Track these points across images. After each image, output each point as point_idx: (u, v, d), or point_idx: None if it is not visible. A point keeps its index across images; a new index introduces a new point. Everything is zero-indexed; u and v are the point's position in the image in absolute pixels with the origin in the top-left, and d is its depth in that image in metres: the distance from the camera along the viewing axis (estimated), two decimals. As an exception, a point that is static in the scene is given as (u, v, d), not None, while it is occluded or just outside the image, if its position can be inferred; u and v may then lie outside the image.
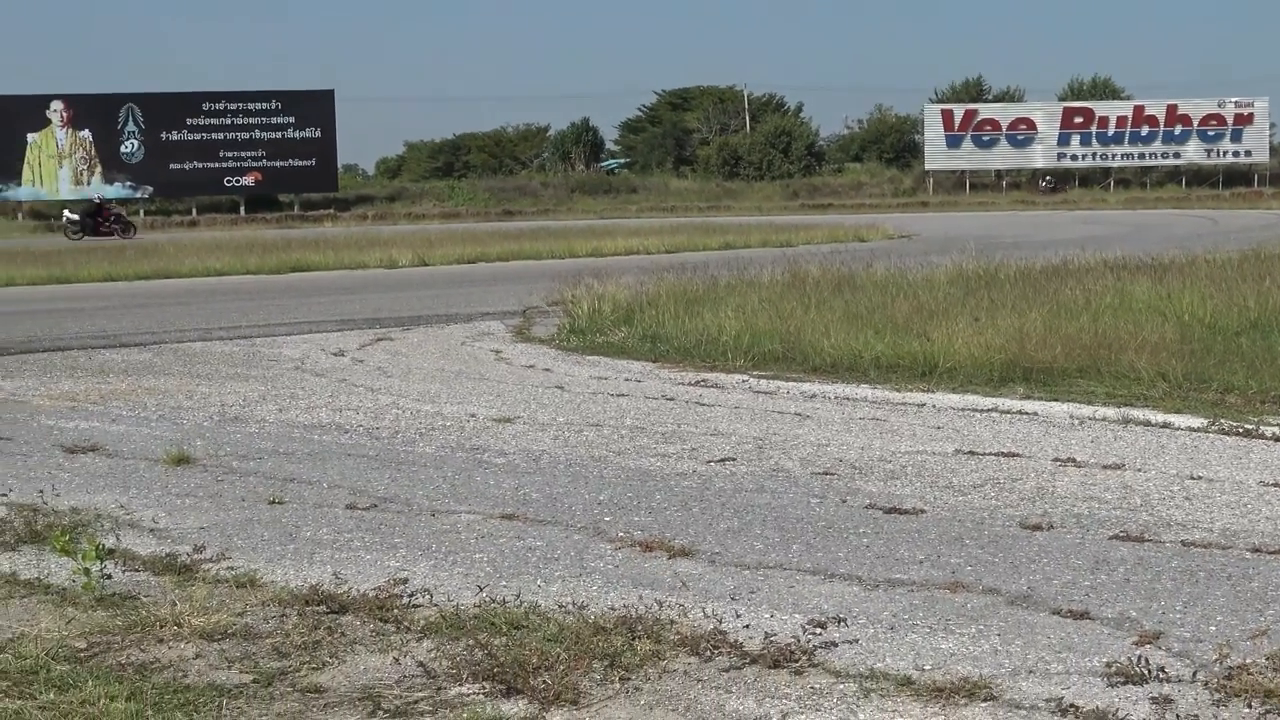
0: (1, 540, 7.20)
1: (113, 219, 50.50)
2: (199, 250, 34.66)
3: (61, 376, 14.13)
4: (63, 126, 69.68)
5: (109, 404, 12.21)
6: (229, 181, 71.79)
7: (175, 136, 70.73)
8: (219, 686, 5.05)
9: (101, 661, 5.32)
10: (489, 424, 10.77)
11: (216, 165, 71.36)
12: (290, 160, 72.02)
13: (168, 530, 7.48)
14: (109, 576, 6.27)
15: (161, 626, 5.67)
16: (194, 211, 70.06)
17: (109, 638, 5.60)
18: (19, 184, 69.24)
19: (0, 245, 42.80)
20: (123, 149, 70.32)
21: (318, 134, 72.45)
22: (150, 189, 70.46)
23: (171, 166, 70.46)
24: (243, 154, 71.63)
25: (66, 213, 51.91)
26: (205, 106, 71.52)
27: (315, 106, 72.77)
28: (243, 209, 70.77)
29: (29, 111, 69.15)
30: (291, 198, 73.17)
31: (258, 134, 71.78)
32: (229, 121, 71.52)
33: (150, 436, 10.44)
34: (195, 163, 70.99)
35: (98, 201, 51.54)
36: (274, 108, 72.14)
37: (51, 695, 4.90)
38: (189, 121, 70.97)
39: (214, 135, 71.32)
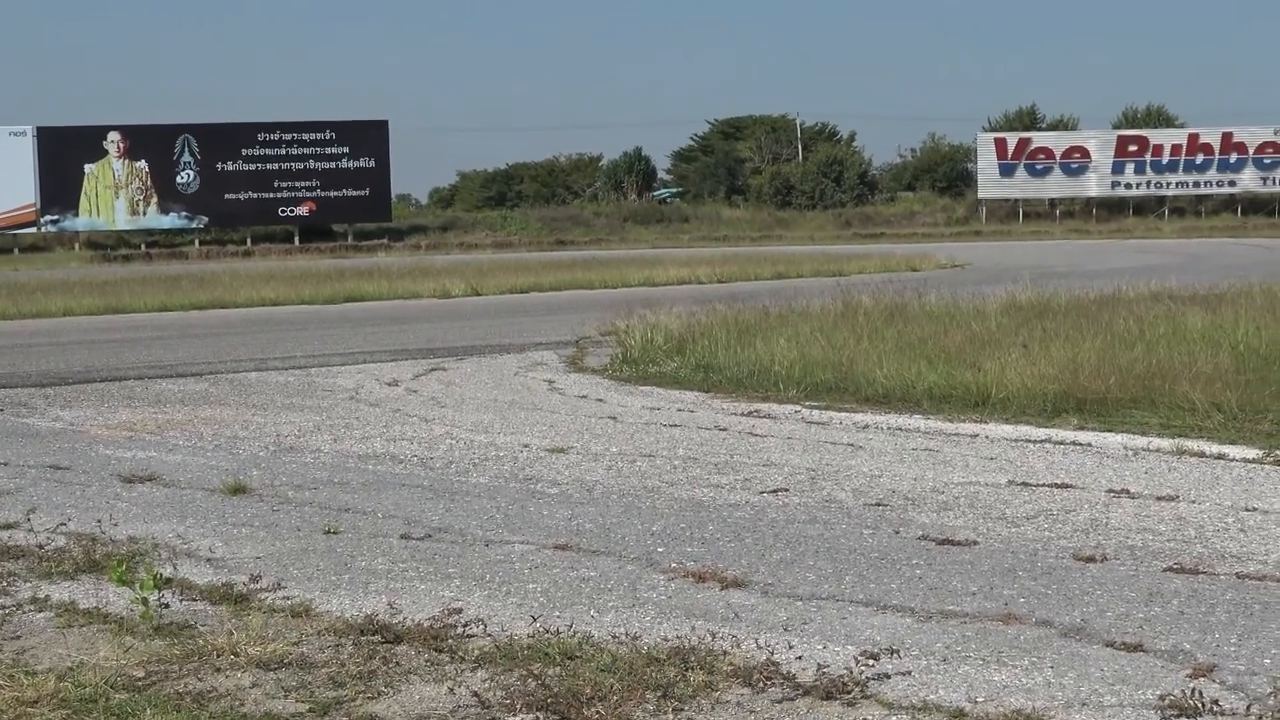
0: (61, 569, 7.28)
1: None
2: (253, 280, 34.84)
3: (119, 406, 14.25)
4: (119, 157, 70.16)
5: (166, 434, 12.31)
6: (283, 211, 72.19)
7: (230, 167, 71.10)
8: (275, 716, 5.10)
9: (159, 690, 5.37)
10: (542, 454, 10.81)
11: (271, 195, 71.72)
12: (344, 190, 72.27)
13: (224, 560, 7.55)
14: (166, 605, 6.33)
15: (218, 655, 5.73)
16: (249, 241, 70.40)
17: (166, 666, 5.65)
18: (76, 215, 69.75)
19: (59, 275, 43.14)
20: (178, 179, 70.73)
21: (371, 164, 72.72)
22: (205, 219, 70.93)
23: (226, 196, 70.90)
24: (297, 184, 71.90)
25: None
26: (260, 137, 71.84)
27: (369, 136, 73.06)
28: (297, 239, 71.15)
29: (86, 143, 69.68)
30: (345, 227, 73.42)
31: (312, 164, 72.05)
32: (283, 152, 71.82)
33: (207, 466, 10.53)
34: (250, 193, 71.40)
35: None
36: (328, 138, 72.42)
37: (111, 723, 4.96)
38: (244, 152, 71.31)
39: (268, 165, 71.64)
